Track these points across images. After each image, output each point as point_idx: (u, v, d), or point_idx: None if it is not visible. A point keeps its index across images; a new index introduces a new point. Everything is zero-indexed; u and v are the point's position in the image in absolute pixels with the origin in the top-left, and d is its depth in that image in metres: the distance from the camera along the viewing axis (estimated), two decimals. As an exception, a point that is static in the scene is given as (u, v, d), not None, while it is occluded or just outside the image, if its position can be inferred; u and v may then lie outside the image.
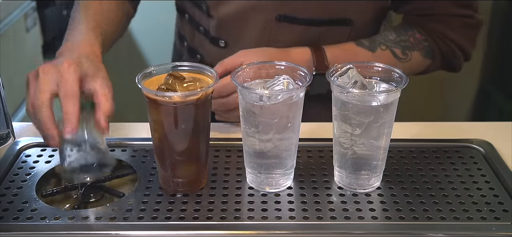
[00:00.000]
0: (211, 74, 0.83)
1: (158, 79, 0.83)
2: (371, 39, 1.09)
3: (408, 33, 1.11)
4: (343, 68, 0.84)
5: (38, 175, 0.89)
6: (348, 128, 0.82)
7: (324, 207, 0.81)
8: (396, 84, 0.84)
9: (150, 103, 0.80)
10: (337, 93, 0.82)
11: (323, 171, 0.90)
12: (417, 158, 0.94)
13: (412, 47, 1.10)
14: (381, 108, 0.81)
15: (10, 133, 0.84)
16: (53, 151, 0.95)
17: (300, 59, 1.02)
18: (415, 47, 1.10)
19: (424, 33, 1.12)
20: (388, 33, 1.10)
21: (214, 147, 0.95)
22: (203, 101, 0.80)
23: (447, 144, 0.98)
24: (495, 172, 0.90)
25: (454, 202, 0.83)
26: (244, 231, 0.77)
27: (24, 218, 0.78)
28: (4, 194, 0.84)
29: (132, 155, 0.94)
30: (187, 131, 0.81)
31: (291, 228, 0.78)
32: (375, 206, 0.82)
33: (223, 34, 1.15)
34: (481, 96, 2.48)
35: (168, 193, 0.84)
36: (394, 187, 0.87)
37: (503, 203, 0.83)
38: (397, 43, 1.08)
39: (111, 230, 0.77)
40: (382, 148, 0.84)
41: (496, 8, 2.37)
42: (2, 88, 0.82)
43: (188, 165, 0.83)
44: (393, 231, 0.78)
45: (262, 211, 0.80)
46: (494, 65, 2.46)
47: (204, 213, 0.80)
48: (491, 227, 0.78)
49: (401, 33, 1.10)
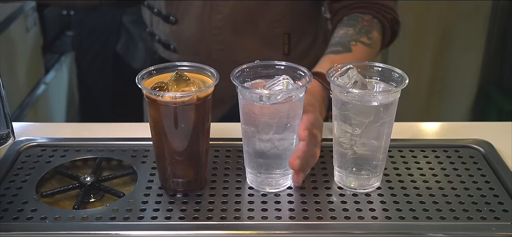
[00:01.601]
0: (211, 74, 0.83)
1: (159, 79, 0.83)
2: (338, 43, 1.08)
3: (358, 20, 1.12)
4: (343, 68, 0.84)
5: (38, 175, 0.89)
6: (348, 128, 0.82)
7: (324, 207, 0.81)
8: (396, 84, 0.84)
9: (150, 103, 0.80)
10: (337, 93, 0.82)
11: (323, 171, 0.90)
12: (417, 158, 0.94)
13: (370, 29, 1.11)
14: (381, 108, 0.81)
15: (10, 133, 0.84)
16: (53, 151, 0.95)
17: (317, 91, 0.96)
18: (372, 27, 1.12)
19: (368, 12, 1.14)
20: (345, 31, 1.11)
21: (214, 147, 0.95)
22: (203, 101, 0.80)
23: (447, 144, 0.98)
24: (495, 172, 0.90)
25: (454, 202, 0.83)
26: (244, 231, 0.77)
27: (24, 218, 0.79)
28: (4, 194, 0.84)
29: (132, 155, 0.94)
30: (187, 131, 0.81)
31: (291, 228, 0.78)
32: (375, 206, 0.82)
33: (172, 10, 1.25)
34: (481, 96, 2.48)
35: (168, 193, 0.84)
36: (394, 187, 0.87)
37: (503, 203, 0.83)
38: (358, 33, 1.10)
39: (111, 230, 0.77)
40: (382, 148, 0.84)
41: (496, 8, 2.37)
42: (2, 88, 0.82)
43: (188, 165, 0.83)
44: (393, 231, 0.78)
45: (262, 211, 0.80)
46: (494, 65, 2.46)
47: (204, 213, 0.80)
48: (491, 227, 0.78)
49: (352, 24, 1.12)
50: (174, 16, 1.25)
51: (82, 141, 0.98)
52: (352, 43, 1.07)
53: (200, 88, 0.80)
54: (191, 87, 0.81)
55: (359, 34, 1.10)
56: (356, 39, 1.08)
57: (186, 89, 0.80)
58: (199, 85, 0.81)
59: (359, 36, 1.09)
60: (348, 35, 1.09)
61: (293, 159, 0.82)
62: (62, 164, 0.92)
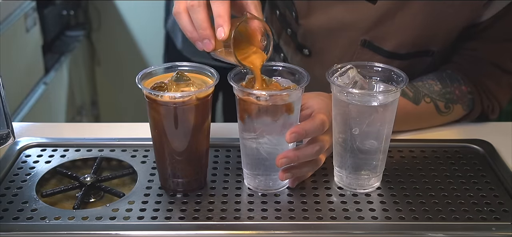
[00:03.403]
0: (211, 75, 0.83)
1: (159, 79, 0.83)
2: (416, 89, 1.02)
3: (454, 84, 1.05)
4: (343, 68, 0.84)
5: (38, 175, 0.89)
6: (348, 128, 0.82)
7: (324, 207, 0.81)
8: (396, 84, 0.84)
9: (150, 103, 0.80)
10: (337, 93, 0.82)
11: (323, 171, 0.90)
12: (417, 158, 0.94)
13: (456, 100, 1.04)
14: (381, 108, 0.81)
15: (10, 133, 0.84)
16: (53, 151, 0.95)
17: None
18: (459, 100, 1.05)
19: (471, 85, 1.06)
20: (433, 83, 1.04)
21: (214, 147, 0.95)
22: (203, 101, 0.80)
23: (447, 144, 0.98)
24: (495, 172, 0.90)
25: (454, 202, 0.83)
26: (244, 231, 0.77)
27: (24, 218, 0.79)
28: (4, 194, 0.84)
29: (132, 155, 0.94)
30: (187, 131, 0.81)
31: (291, 228, 0.78)
32: (375, 206, 0.82)
33: (308, 43, 1.13)
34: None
35: (168, 193, 0.84)
36: (394, 187, 0.87)
37: (503, 203, 0.83)
38: (441, 95, 1.03)
39: (111, 230, 0.77)
40: (382, 148, 0.83)
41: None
42: (2, 88, 0.82)
43: (188, 165, 0.83)
44: (393, 231, 0.78)
45: (262, 211, 0.80)
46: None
47: (204, 213, 0.80)
48: (491, 227, 0.78)
49: (447, 84, 1.04)
50: (309, 49, 1.13)
51: (82, 141, 0.98)
52: (426, 99, 1.01)
53: (200, 88, 0.80)
54: (190, 87, 0.81)
55: (441, 96, 1.03)
56: (433, 98, 1.02)
57: (185, 89, 0.80)
58: (199, 85, 0.81)
59: (439, 98, 1.03)
60: (430, 89, 1.03)
61: (279, 157, 0.80)
62: (62, 164, 0.92)
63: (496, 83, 1.06)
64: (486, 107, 1.07)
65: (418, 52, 1.07)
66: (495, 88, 1.06)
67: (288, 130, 0.80)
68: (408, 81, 0.82)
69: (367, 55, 1.07)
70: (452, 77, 1.06)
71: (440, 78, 1.05)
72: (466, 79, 1.06)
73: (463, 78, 1.06)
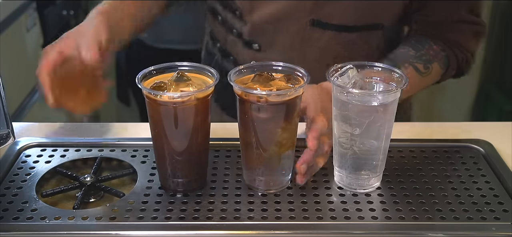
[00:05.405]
0: (211, 74, 0.83)
1: (159, 79, 0.83)
2: (392, 58, 1.05)
3: (425, 46, 1.08)
4: (343, 68, 0.84)
5: (38, 175, 0.89)
6: (348, 128, 0.82)
7: (324, 207, 0.81)
8: (396, 84, 0.84)
9: (150, 103, 0.80)
10: (337, 93, 0.82)
11: (323, 171, 0.90)
12: (417, 158, 0.94)
13: (432, 59, 1.07)
14: (381, 108, 0.81)
15: (10, 133, 0.84)
16: (53, 151, 0.95)
17: None
18: (434, 58, 1.07)
19: (441, 43, 1.09)
20: (406, 50, 1.07)
21: (214, 147, 0.95)
22: (202, 101, 0.80)
23: (447, 144, 0.98)
24: (495, 172, 0.90)
25: (454, 202, 0.83)
26: (244, 231, 0.77)
27: (24, 218, 0.78)
28: (4, 194, 0.84)
29: (132, 155, 0.94)
30: (187, 131, 0.81)
31: (291, 228, 0.78)
32: (375, 206, 0.82)
33: (257, 38, 1.14)
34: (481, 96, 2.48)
35: (168, 193, 0.84)
36: (394, 187, 0.87)
37: (503, 203, 0.83)
38: (418, 58, 1.06)
39: (111, 230, 0.77)
40: (382, 148, 0.83)
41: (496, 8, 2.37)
42: (2, 88, 0.82)
43: (188, 165, 0.83)
44: (393, 231, 0.78)
45: (262, 211, 0.80)
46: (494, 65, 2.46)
47: (204, 213, 0.80)
48: (491, 227, 0.78)
49: (418, 47, 1.07)
50: (259, 44, 1.14)
51: (82, 141, 0.98)
52: (405, 65, 1.03)
53: (199, 88, 0.80)
54: (190, 87, 0.81)
55: (417, 59, 1.05)
56: (410, 62, 1.04)
57: (185, 89, 0.80)
58: (199, 85, 0.81)
59: (416, 60, 1.05)
60: (406, 54, 1.05)
61: (300, 163, 0.84)
62: (62, 164, 0.92)
63: (462, 35, 1.10)
64: (461, 60, 1.11)
65: (366, 25, 1.09)
66: (462, 39, 1.10)
67: (288, 129, 0.80)
68: (408, 81, 0.82)
69: (317, 33, 1.09)
70: (421, 40, 1.09)
71: (411, 45, 1.08)
72: (434, 40, 1.09)
73: (431, 39, 1.09)
